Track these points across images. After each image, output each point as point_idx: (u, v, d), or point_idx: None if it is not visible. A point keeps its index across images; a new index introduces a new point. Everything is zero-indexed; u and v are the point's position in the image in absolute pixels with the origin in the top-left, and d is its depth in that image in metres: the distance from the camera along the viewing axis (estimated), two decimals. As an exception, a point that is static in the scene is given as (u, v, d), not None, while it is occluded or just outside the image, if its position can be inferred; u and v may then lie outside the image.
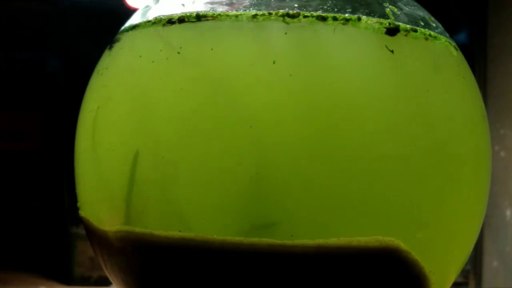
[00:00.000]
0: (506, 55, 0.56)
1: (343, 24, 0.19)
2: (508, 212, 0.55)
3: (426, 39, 0.21)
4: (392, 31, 0.20)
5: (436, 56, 0.21)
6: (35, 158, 0.61)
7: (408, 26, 0.20)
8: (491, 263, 0.55)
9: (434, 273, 0.20)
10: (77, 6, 0.47)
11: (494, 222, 0.55)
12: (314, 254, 0.19)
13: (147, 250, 0.20)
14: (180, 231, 0.19)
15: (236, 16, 0.20)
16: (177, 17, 0.20)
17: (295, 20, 0.19)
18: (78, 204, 0.24)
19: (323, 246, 0.19)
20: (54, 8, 0.48)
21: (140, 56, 0.21)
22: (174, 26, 0.21)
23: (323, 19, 0.20)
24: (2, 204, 0.60)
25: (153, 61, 0.20)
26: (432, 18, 0.23)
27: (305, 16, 0.20)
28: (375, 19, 0.20)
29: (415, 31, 0.21)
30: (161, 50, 0.20)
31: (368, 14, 0.20)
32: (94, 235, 0.23)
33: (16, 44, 0.62)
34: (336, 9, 0.20)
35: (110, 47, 0.23)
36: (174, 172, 0.19)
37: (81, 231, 0.47)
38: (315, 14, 0.19)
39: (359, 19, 0.20)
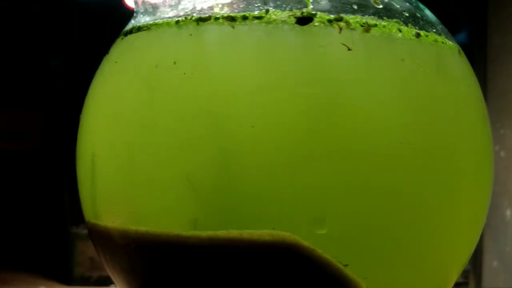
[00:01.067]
0: (506, 55, 0.56)
1: (252, 21, 0.20)
2: (508, 212, 0.55)
3: (365, 28, 0.20)
4: (303, 20, 0.19)
5: (370, 43, 0.19)
6: (35, 158, 0.61)
7: (331, 16, 0.19)
8: (491, 263, 0.55)
9: (367, 277, 0.19)
10: (77, 6, 0.47)
11: (494, 222, 0.55)
12: (208, 246, 0.19)
13: (148, 248, 0.20)
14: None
15: (162, 24, 0.22)
16: (136, 27, 0.23)
17: (207, 23, 0.20)
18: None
19: (215, 238, 0.19)
20: (54, 8, 0.48)
21: (103, 65, 0.24)
22: (133, 35, 0.23)
23: (232, 19, 0.20)
24: (2, 204, 0.60)
25: (105, 68, 0.23)
26: (382, 0, 0.21)
27: (216, 18, 0.20)
28: (286, 12, 0.20)
29: (339, 20, 0.19)
30: (116, 62, 0.22)
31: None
32: (96, 233, 0.23)
33: (16, 44, 0.62)
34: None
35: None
36: (124, 171, 0.21)
37: (81, 231, 0.47)
38: (225, 15, 0.20)
39: (267, 12, 0.20)
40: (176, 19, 0.20)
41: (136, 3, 0.23)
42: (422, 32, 0.21)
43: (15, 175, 0.61)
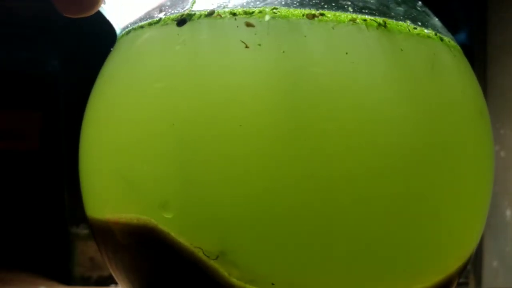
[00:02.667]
0: (506, 54, 0.56)
1: (150, 26, 0.22)
2: (508, 212, 0.55)
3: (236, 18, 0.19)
4: (180, 22, 0.20)
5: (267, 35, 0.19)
6: (35, 158, 0.61)
7: (202, 11, 0.20)
8: (491, 263, 0.55)
9: (234, 267, 0.19)
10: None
11: (494, 222, 0.55)
12: (104, 226, 0.22)
13: (153, 246, 0.20)
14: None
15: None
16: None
17: (131, 32, 0.23)
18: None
19: (103, 221, 0.21)
20: (54, 8, 0.48)
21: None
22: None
23: (142, 27, 0.22)
24: (2, 204, 0.60)
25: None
26: None
27: (136, 28, 0.23)
28: (174, 15, 0.21)
29: (220, 15, 0.19)
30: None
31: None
32: (99, 232, 0.24)
33: (16, 44, 0.62)
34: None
35: None
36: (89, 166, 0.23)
37: (81, 231, 0.47)
38: (140, 24, 0.22)
39: (159, 21, 0.21)
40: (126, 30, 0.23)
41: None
42: (413, 28, 0.20)
43: (15, 175, 0.61)
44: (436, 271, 0.21)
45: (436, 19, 0.23)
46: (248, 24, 0.19)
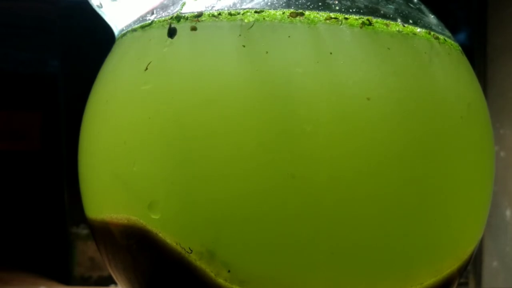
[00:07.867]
0: (506, 55, 0.56)
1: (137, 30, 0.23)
2: (508, 212, 0.55)
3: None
4: (170, 33, 0.20)
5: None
6: (35, 158, 0.61)
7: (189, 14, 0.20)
8: (491, 263, 0.55)
9: (229, 268, 0.19)
10: (77, 6, 0.47)
11: (494, 222, 0.55)
12: (101, 226, 0.22)
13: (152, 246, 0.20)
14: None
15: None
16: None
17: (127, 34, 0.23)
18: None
19: (99, 221, 0.22)
20: (54, 8, 0.48)
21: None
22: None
23: (134, 30, 0.23)
24: (2, 204, 0.60)
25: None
26: None
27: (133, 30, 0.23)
28: (163, 18, 0.21)
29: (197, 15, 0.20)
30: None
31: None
32: (98, 233, 0.24)
33: (16, 44, 0.61)
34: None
35: None
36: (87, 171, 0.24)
37: (81, 231, 0.47)
38: (138, 25, 0.22)
39: (149, 23, 0.22)
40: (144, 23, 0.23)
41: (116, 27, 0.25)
42: (402, 26, 0.20)
43: (15, 176, 0.61)
44: (434, 272, 0.21)
45: (432, 16, 0.23)
46: (193, 28, 0.19)
